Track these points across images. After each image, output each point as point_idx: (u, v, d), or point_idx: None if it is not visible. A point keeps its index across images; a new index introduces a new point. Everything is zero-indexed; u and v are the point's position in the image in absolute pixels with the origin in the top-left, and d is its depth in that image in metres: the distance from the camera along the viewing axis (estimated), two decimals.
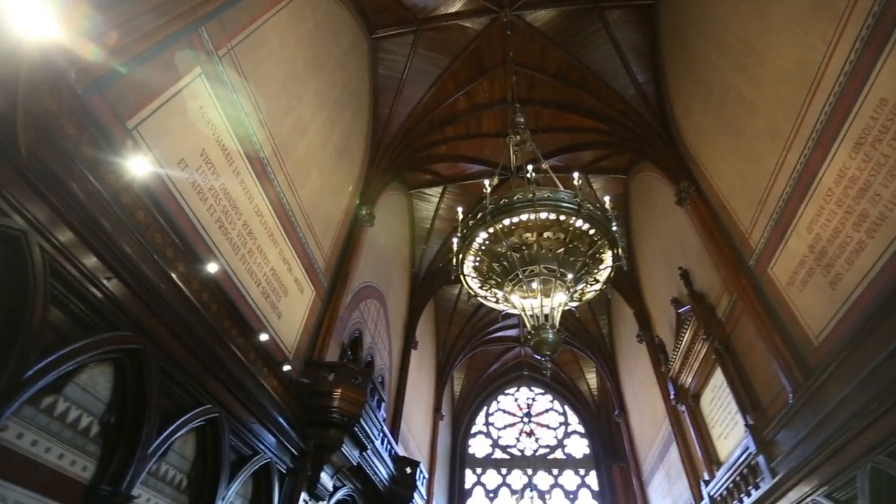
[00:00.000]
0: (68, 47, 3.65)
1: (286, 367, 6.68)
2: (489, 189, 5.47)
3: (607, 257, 5.29)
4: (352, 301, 10.12)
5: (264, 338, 6.15)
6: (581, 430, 21.01)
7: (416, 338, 14.57)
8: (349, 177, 10.77)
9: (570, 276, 5.10)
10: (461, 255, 5.41)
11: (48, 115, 3.42)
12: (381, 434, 8.82)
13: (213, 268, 5.19)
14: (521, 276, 5.04)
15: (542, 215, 4.96)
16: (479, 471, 20.11)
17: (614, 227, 5.12)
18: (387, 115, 11.99)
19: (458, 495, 18.96)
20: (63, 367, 3.46)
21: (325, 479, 7.05)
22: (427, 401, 16.47)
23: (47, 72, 3.37)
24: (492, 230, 5.11)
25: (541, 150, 7.40)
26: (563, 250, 5.04)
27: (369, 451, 8.14)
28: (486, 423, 21.78)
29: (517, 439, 21.14)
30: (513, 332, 19.61)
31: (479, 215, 5.22)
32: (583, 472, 19.62)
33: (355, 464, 7.69)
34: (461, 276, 5.56)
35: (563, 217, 4.96)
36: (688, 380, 10.58)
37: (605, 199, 5.45)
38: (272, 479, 6.15)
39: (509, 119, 7.22)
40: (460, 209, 5.83)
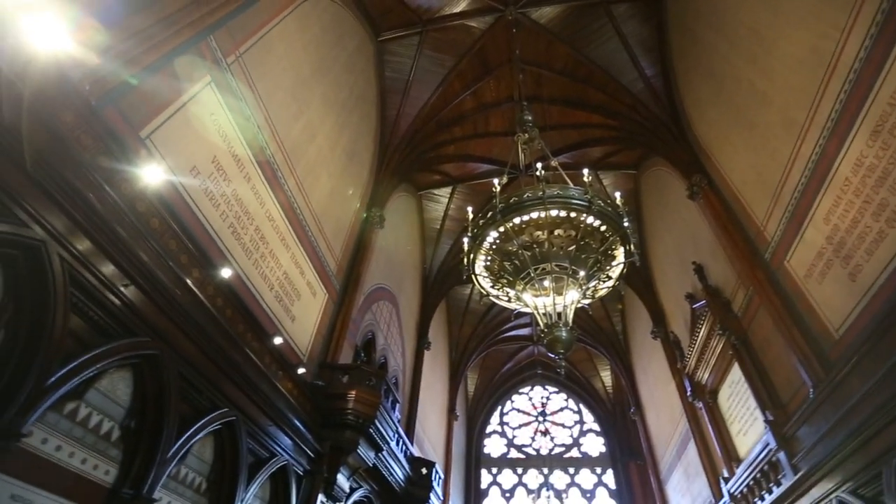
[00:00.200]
0: (82, 60, 3.72)
1: (301, 370, 6.74)
2: (499, 188, 5.46)
3: (619, 253, 5.25)
4: (364, 303, 10.16)
5: (278, 341, 6.20)
6: (597, 428, 20.86)
7: (428, 338, 14.58)
8: (358, 180, 10.82)
9: (582, 273, 5.07)
10: (472, 255, 5.41)
11: (64, 127, 3.48)
12: (396, 435, 8.85)
13: (226, 273, 5.25)
14: (532, 275, 5.03)
15: (553, 213, 4.93)
16: (494, 470, 20.06)
17: (626, 223, 5.08)
18: (394, 117, 12.03)
19: (474, 495, 18.94)
20: (84, 374, 3.53)
21: (342, 480, 7.09)
22: (441, 401, 16.48)
23: (62, 85, 3.44)
24: (502, 229, 5.10)
25: (549, 147, 7.36)
26: (574, 247, 5.01)
27: (385, 453, 8.17)
28: (501, 423, 21.73)
29: (532, 438, 21.06)
30: (525, 331, 19.56)
31: (490, 214, 5.21)
32: (599, 470, 19.47)
33: (371, 465, 7.72)
34: (473, 276, 5.56)
35: (573, 214, 4.93)
36: (704, 376, 10.44)
37: (616, 194, 5.41)
38: (289, 481, 6.21)
39: (517, 117, 7.19)
40: (470, 209, 5.82)
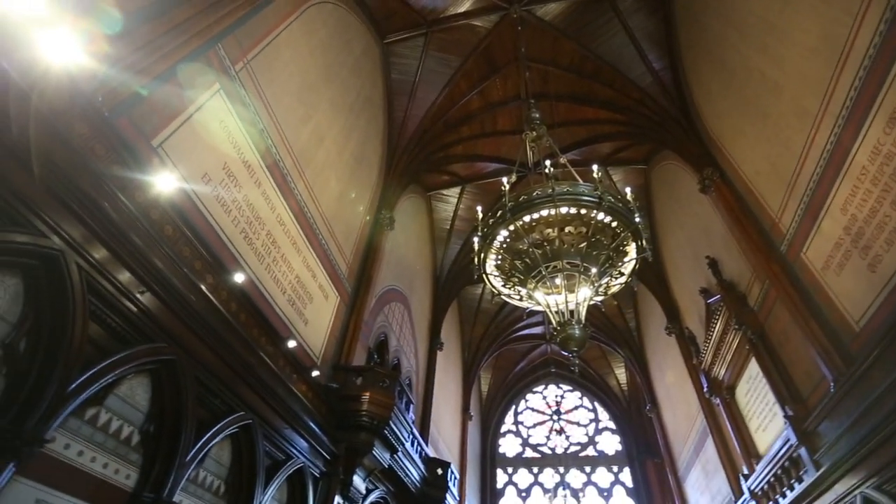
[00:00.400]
0: (94, 72, 3.79)
1: (315, 373, 6.78)
2: (507, 186, 5.44)
3: (631, 249, 5.19)
4: (376, 305, 10.20)
5: (292, 344, 6.25)
6: (612, 426, 20.69)
7: (441, 339, 14.59)
8: (367, 182, 10.87)
9: (593, 270, 5.02)
10: (483, 255, 5.39)
11: (79, 138, 3.55)
12: (411, 436, 8.86)
13: (239, 278, 5.31)
14: (544, 273, 4.99)
15: (563, 210, 4.89)
16: (510, 470, 19.99)
17: (637, 218, 5.03)
18: (402, 119, 12.05)
19: (490, 495, 18.90)
20: (104, 380, 3.60)
21: (358, 482, 7.12)
22: (455, 401, 16.47)
23: (76, 97, 3.51)
24: (512, 227, 5.07)
25: (558, 144, 7.31)
26: (585, 244, 4.96)
27: (400, 454, 8.20)
28: (516, 422, 21.66)
29: (547, 437, 20.96)
30: (538, 330, 19.47)
31: (499, 213, 5.19)
32: (616, 468, 19.31)
33: (387, 466, 7.75)
34: (484, 276, 5.55)
35: (583, 210, 4.89)
36: (721, 372, 10.30)
37: (626, 190, 5.35)
38: (306, 483, 6.25)
39: (524, 115, 7.16)
40: (479, 208, 5.81)
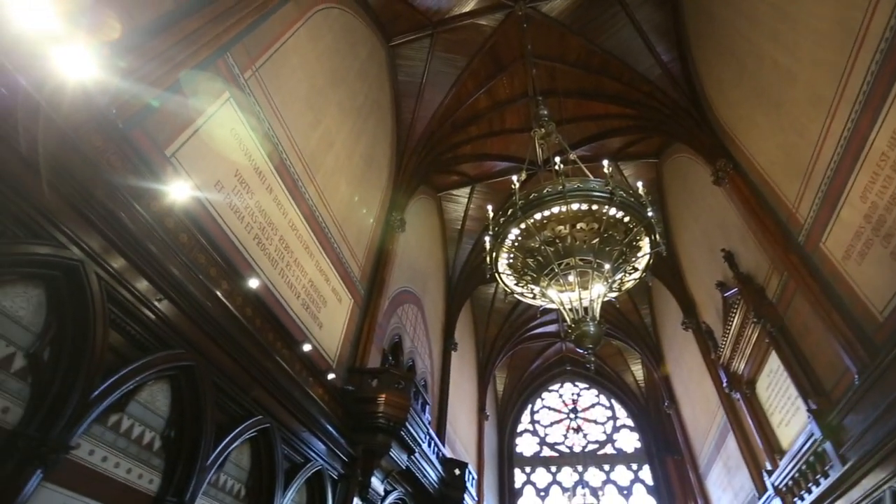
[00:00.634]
0: (107, 85, 3.87)
1: (330, 376, 6.83)
2: (517, 184, 5.42)
3: (645, 244, 5.14)
4: (389, 307, 10.24)
5: (307, 348, 6.30)
6: (630, 423, 20.46)
7: (455, 339, 14.58)
8: (377, 184, 10.92)
9: (607, 266, 4.98)
10: (494, 254, 5.38)
11: (94, 150, 3.63)
12: (428, 437, 8.87)
13: (254, 283, 5.37)
14: (556, 270, 4.97)
15: (574, 206, 4.86)
16: (528, 469, 19.89)
17: (650, 213, 4.97)
18: (410, 121, 12.08)
19: (508, 495, 18.81)
20: (125, 387, 3.67)
21: (376, 483, 7.15)
22: (471, 401, 16.45)
23: (91, 110, 3.59)
24: (523, 225, 5.05)
25: (567, 140, 7.25)
26: (598, 240, 4.93)
27: (417, 455, 8.21)
28: (532, 421, 21.54)
29: (564, 436, 20.80)
30: (552, 328, 19.35)
31: (510, 212, 5.17)
32: (635, 466, 19.09)
33: (404, 467, 7.76)
34: (496, 275, 5.53)
35: (595, 206, 4.85)
36: (740, 366, 10.12)
37: (638, 184, 5.30)
38: (325, 486, 6.30)
39: (533, 112, 7.14)
40: (490, 207, 5.80)
